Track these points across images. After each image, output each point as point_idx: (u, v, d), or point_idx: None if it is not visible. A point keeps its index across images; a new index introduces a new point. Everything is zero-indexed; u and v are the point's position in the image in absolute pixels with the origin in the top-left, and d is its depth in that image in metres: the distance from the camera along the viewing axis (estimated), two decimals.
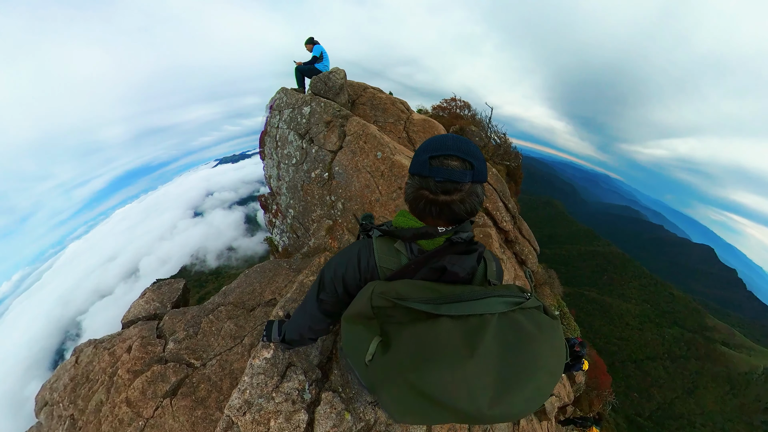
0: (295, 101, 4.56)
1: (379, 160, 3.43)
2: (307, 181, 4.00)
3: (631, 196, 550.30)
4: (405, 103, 5.42)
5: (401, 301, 0.59)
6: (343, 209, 3.57)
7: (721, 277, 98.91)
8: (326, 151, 3.86)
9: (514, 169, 7.47)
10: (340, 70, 4.81)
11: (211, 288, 43.09)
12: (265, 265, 2.82)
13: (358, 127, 3.77)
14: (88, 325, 51.92)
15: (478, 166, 0.66)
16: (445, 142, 0.67)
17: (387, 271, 0.73)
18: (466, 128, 7.46)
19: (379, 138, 3.57)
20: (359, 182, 3.46)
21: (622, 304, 50.18)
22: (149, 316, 2.44)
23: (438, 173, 0.65)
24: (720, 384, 39.18)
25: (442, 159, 0.66)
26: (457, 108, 9.26)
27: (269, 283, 2.49)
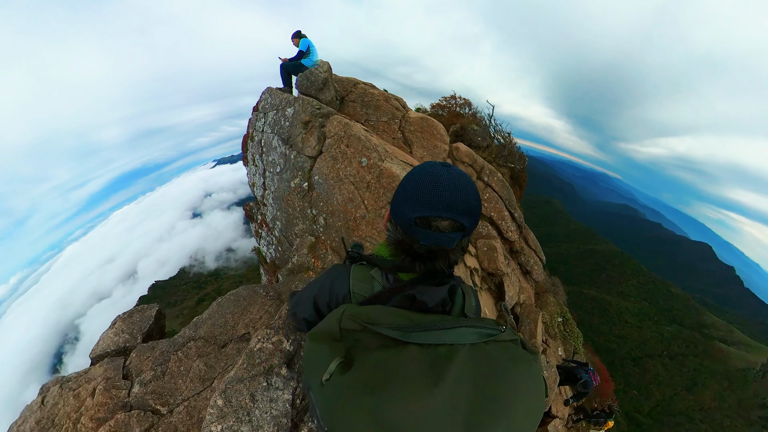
0: (279, 102, 4.06)
1: (364, 168, 2.87)
2: (287, 191, 3.55)
3: (629, 194, 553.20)
4: (401, 99, 4.88)
5: (371, 326, 0.56)
6: (326, 225, 3.10)
7: (719, 275, 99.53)
8: (305, 157, 3.33)
9: (518, 171, 6.86)
10: (323, 63, 4.29)
11: (210, 289, 43.03)
12: (239, 293, 2.62)
13: (340, 127, 3.17)
14: (87, 328, 51.75)
15: (470, 226, 0.62)
16: (437, 196, 0.60)
17: (360, 297, 0.72)
18: (468, 127, 6.86)
19: (364, 140, 3.01)
20: (341, 195, 2.93)
21: (621, 302, 50.41)
22: (118, 350, 2.30)
23: (424, 238, 0.61)
24: (718, 380, 39.49)
25: (431, 221, 0.60)
26: (457, 106, 8.70)
27: (243, 314, 2.33)
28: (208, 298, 40.05)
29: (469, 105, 8.66)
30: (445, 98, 8.97)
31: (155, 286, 48.07)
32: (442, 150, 4.54)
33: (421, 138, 4.45)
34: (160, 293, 45.67)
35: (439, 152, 4.51)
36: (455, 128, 6.69)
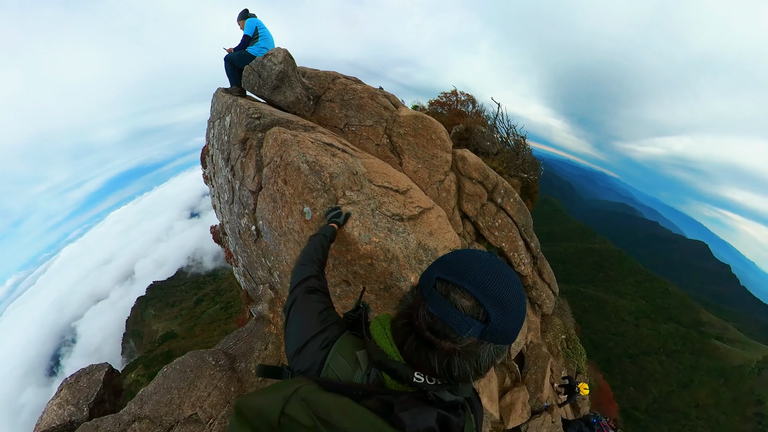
0: (221, 108, 3.10)
1: (308, 224, 1.89)
2: (241, 229, 2.80)
3: (627, 193, 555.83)
4: (392, 97, 3.70)
5: (326, 427, 0.41)
6: (281, 283, 2.47)
7: (715, 273, 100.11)
8: (247, 191, 2.46)
9: (531, 182, 5.56)
10: (278, 51, 3.12)
11: (209, 290, 42.70)
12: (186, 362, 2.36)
13: (275, 148, 2.11)
14: (83, 330, 51.39)
15: (496, 323, 0.46)
16: (470, 267, 0.48)
17: (331, 374, 0.57)
18: (474, 128, 5.49)
19: (306, 173, 1.89)
20: (289, 255, 2.13)
21: (618, 300, 50.73)
22: (63, 424, 2.12)
23: (434, 303, 0.47)
24: (714, 377, 39.86)
25: (452, 288, 0.47)
26: (459, 103, 7.30)
27: (189, 389, 2.13)
28: (206, 298, 39.81)
29: (473, 102, 7.33)
30: (445, 94, 7.48)
31: (153, 286, 47.78)
32: (442, 161, 3.40)
33: (414, 145, 3.31)
34: (159, 294, 45.40)
35: (438, 164, 3.36)
36: (458, 130, 5.47)
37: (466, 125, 5.69)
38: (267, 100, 3.21)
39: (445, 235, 2.21)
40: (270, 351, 2.70)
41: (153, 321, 39.42)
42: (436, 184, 3.36)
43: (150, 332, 37.56)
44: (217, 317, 33.60)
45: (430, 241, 2.04)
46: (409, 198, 2.28)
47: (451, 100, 7.50)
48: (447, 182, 3.48)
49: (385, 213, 1.97)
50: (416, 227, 2.09)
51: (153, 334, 36.65)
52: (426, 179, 3.30)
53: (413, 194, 2.35)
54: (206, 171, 4.23)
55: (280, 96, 3.11)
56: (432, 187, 3.32)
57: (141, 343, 37.26)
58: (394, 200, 2.15)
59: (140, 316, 41.63)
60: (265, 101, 3.24)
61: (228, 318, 31.48)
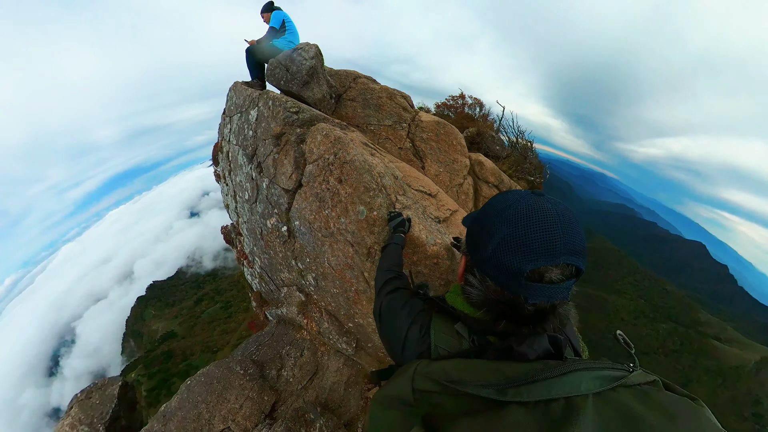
0: (243, 102, 2.96)
1: (363, 223, 1.80)
2: (264, 229, 2.64)
3: (625, 194, 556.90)
4: (408, 97, 3.73)
5: (454, 384, 0.43)
6: (317, 286, 2.34)
7: (713, 273, 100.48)
8: (279, 189, 2.30)
9: (536, 185, 5.72)
10: (309, 46, 3.04)
11: (208, 289, 42.64)
12: (211, 373, 2.17)
13: (326, 144, 1.99)
14: (82, 330, 51.22)
15: (584, 267, 0.49)
16: (554, 240, 0.46)
17: (442, 352, 0.57)
18: (485, 133, 5.59)
19: (368, 171, 1.83)
20: (335, 257, 2.00)
21: (617, 299, 50.92)
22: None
23: (535, 295, 0.47)
24: (712, 377, 40.05)
25: (545, 270, 0.46)
26: (466, 106, 7.41)
27: (218, 402, 1.97)
28: (206, 297, 39.75)
29: (480, 105, 7.45)
30: (452, 97, 7.60)
31: (153, 286, 47.67)
32: (462, 165, 3.54)
33: (437, 149, 3.41)
34: (158, 293, 45.31)
35: (458, 168, 3.51)
36: (470, 133, 5.54)
37: (477, 129, 5.81)
38: (294, 96, 3.08)
39: None
40: (306, 357, 2.56)
41: (153, 321, 39.35)
42: (456, 188, 3.49)
43: (150, 332, 37.49)
44: (217, 317, 33.57)
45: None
46: (440, 201, 2.36)
47: (458, 103, 7.64)
48: (465, 186, 3.60)
49: (429, 216, 2.02)
50: (449, 229, 2.17)
51: (153, 333, 36.60)
52: (447, 182, 3.42)
53: (441, 197, 2.43)
54: (218, 168, 3.91)
55: (309, 92, 3.02)
56: (452, 190, 3.44)
57: (141, 343, 37.21)
58: (430, 204, 2.25)
59: (140, 316, 41.54)
60: (293, 96, 3.11)
61: (228, 317, 31.46)
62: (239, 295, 30.00)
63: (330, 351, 2.62)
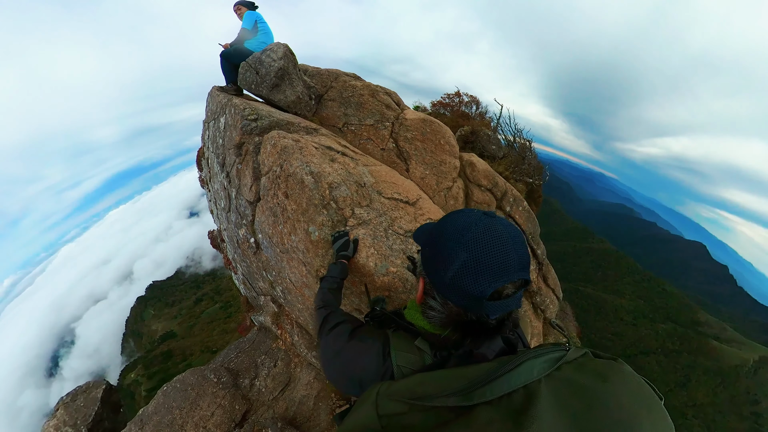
0: (216, 108, 2.90)
1: (314, 244, 1.67)
2: (239, 239, 2.59)
3: (625, 194, 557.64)
4: (393, 94, 3.52)
5: (420, 401, 0.43)
6: (285, 299, 2.31)
7: (712, 274, 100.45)
8: (245, 201, 2.23)
9: (535, 187, 5.54)
10: (278, 46, 2.88)
11: (208, 289, 42.59)
12: (186, 380, 2.23)
13: (274, 155, 1.89)
14: (82, 331, 51.14)
15: (529, 277, 0.54)
16: (509, 259, 0.49)
17: (406, 372, 0.57)
18: (479, 131, 5.35)
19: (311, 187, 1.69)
20: (293, 273, 1.93)
21: (617, 299, 50.98)
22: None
23: (496, 310, 0.51)
24: (711, 377, 40.11)
25: (503, 289, 0.51)
26: (462, 105, 7.13)
27: (191, 409, 2.02)
28: (205, 297, 39.74)
29: (476, 103, 7.13)
30: (448, 95, 7.28)
31: (153, 286, 47.64)
32: (451, 167, 3.26)
33: (423, 150, 3.13)
34: (158, 293, 45.27)
35: (447, 170, 3.23)
36: (464, 132, 5.32)
37: (471, 128, 5.53)
38: (265, 100, 2.96)
39: None
40: (280, 368, 2.55)
41: (152, 321, 39.32)
42: (444, 192, 3.20)
43: (149, 332, 37.46)
44: (217, 317, 33.55)
45: None
46: (419, 209, 2.10)
47: (454, 102, 7.22)
48: (455, 189, 3.29)
49: (397, 231, 1.77)
50: None
51: (152, 333, 36.57)
52: (434, 186, 3.14)
53: (423, 204, 2.17)
54: (202, 174, 3.93)
55: (280, 95, 2.87)
56: (440, 194, 3.17)
57: (141, 343, 37.17)
58: (405, 213, 1.96)
59: (140, 316, 41.50)
60: (264, 101, 3.00)
61: (227, 317, 31.44)
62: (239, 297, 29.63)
63: (303, 363, 2.58)
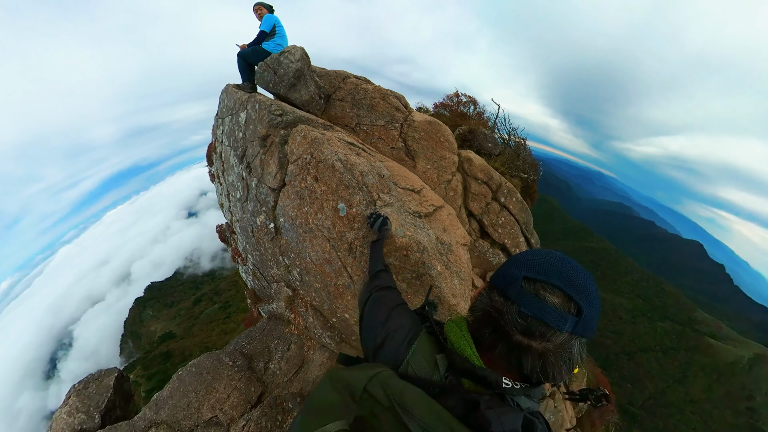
0: (234, 104, 3.11)
1: (342, 220, 1.91)
2: (254, 227, 2.75)
3: (623, 193, 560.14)
4: (401, 97, 3.76)
5: (401, 410, 0.42)
6: (302, 281, 2.41)
7: (709, 273, 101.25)
8: (266, 188, 2.44)
9: (530, 182, 5.72)
10: (296, 49, 3.12)
11: (207, 290, 42.49)
12: (201, 364, 2.27)
13: (305, 145, 2.13)
14: (80, 333, 50.89)
15: (587, 313, 0.47)
16: (552, 263, 0.49)
17: (410, 371, 0.56)
18: (476, 130, 5.56)
19: (341, 170, 1.93)
20: (315, 252, 2.10)
21: (615, 298, 51.33)
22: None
23: (527, 304, 0.47)
24: (708, 374, 40.51)
25: (540, 287, 0.47)
26: (461, 105, 7.39)
27: (207, 392, 2.07)
28: (204, 298, 39.63)
29: (474, 103, 7.42)
30: (447, 96, 7.64)
31: (151, 287, 47.45)
32: (450, 162, 3.54)
33: (426, 147, 3.42)
34: (157, 294, 45.10)
35: (446, 165, 3.51)
36: (462, 131, 5.56)
37: (469, 127, 5.79)
38: (282, 98, 3.17)
39: (456, 231, 2.30)
40: (293, 351, 2.63)
41: (151, 322, 39.18)
42: (444, 184, 3.50)
43: (148, 333, 37.34)
44: (216, 317, 33.49)
45: (445, 237, 2.15)
46: (423, 197, 2.39)
47: (452, 102, 7.54)
48: (454, 182, 3.61)
49: (408, 210, 2.10)
50: (432, 223, 2.21)
51: (151, 334, 36.45)
52: (435, 179, 3.43)
53: (426, 193, 2.46)
54: (213, 169, 4.07)
55: (296, 94, 3.11)
56: (440, 186, 3.46)
57: (140, 344, 37.06)
58: (413, 199, 2.27)
59: (138, 317, 41.34)
60: (280, 99, 3.19)
61: (226, 318, 31.38)
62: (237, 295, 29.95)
63: (316, 345, 2.67)
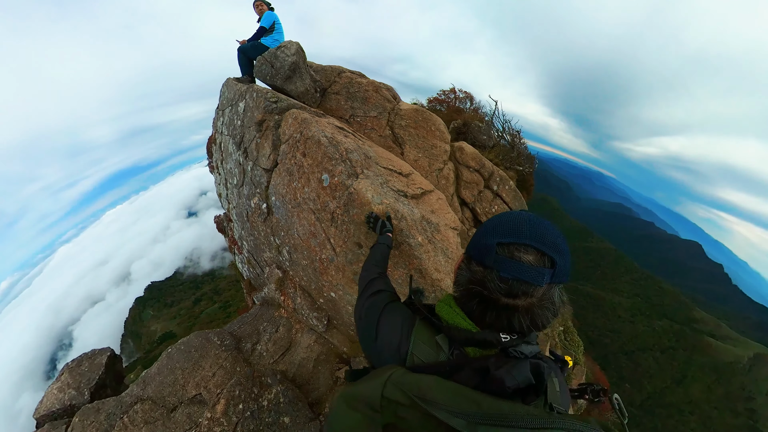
0: (233, 95, 3.31)
1: (326, 190, 2.05)
2: (249, 210, 2.93)
3: (623, 193, 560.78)
4: (392, 89, 3.92)
5: (424, 403, 0.43)
6: (291, 260, 2.52)
7: (708, 272, 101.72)
8: (261, 170, 2.63)
9: (526, 175, 5.80)
10: (291, 43, 3.33)
11: (207, 289, 42.53)
12: (190, 342, 2.33)
13: (295, 126, 2.31)
14: (79, 334, 50.86)
15: (560, 264, 0.50)
16: (520, 225, 0.52)
17: (418, 362, 0.56)
18: (471, 124, 5.67)
19: (326, 145, 2.09)
20: (302, 226, 2.23)
21: (615, 297, 51.48)
22: (64, 408, 2.10)
23: (505, 268, 0.49)
24: (707, 374, 40.60)
25: (514, 249, 0.50)
26: (457, 100, 7.41)
27: (194, 369, 2.10)
28: (204, 297, 39.65)
29: (470, 99, 7.44)
30: (443, 92, 7.62)
31: (151, 286, 47.45)
32: (441, 151, 3.64)
33: (415, 135, 3.55)
34: (157, 294, 45.11)
35: (437, 153, 3.60)
36: (456, 124, 5.66)
37: (463, 120, 5.86)
38: (279, 90, 3.36)
39: (446, 215, 2.34)
40: (281, 333, 2.66)
41: (151, 321, 39.20)
42: (436, 172, 3.56)
43: (148, 333, 37.36)
44: (216, 317, 33.52)
45: (432, 217, 2.18)
46: (412, 180, 2.45)
47: (449, 98, 7.51)
48: (446, 170, 3.66)
49: (391, 188, 2.21)
50: (419, 204, 2.26)
51: (152, 334, 36.48)
52: (426, 167, 3.49)
53: (415, 178, 2.52)
54: (212, 160, 4.27)
55: (291, 86, 3.32)
56: (432, 174, 3.51)
57: (140, 344, 37.07)
58: (399, 180, 2.33)
59: (138, 317, 41.35)
60: (276, 90, 3.33)
61: (227, 318, 31.40)
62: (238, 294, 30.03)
63: (304, 328, 2.70)
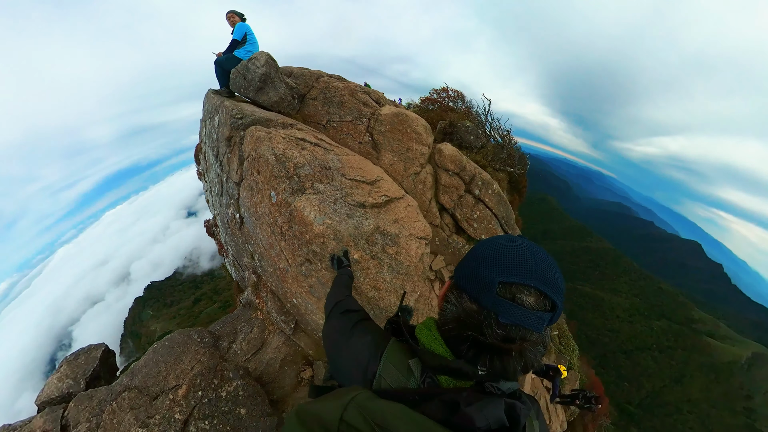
0: (211, 108, 3.38)
1: (275, 206, 2.18)
2: (228, 219, 3.08)
3: (623, 192, 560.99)
4: (373, 92, 3.84)
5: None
6: (261, 267, 2.69)
7: (707, 272, 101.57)
8: (233, 183, 2.79)
9: (518, 176, 5.55)
10: (261, 55, 3.30)
11: (206, 289, 42.53)
12: (174, 339, 2.56)
13: (251, 144, 2.49)
14: (79, 334, 50.91)
15: (560, 307, 0.47)
16: (524, 259, 0.48)
17: (384, 385, 0.54)
18: (458, 123, 5.41)
19: (273, 164, 2.21)
20: (264, 237, 2.40)
21: (614, 297, 51.53)
22: (62, 396, 2.36)
23: (505, 312, 0.45)
24: (705, 373, 40.68)
25: (516, 290, 0.46)
26: (449, 99, 7.34)
27: (175, 363, 2.31)
28: (204, 297, 39.70)
29: (462, 98, 7.31)
30: (435, 91, 7.50)
31: (151, 286, 47.50)
32: (418, 154, 3.47)
33: (391, 139, 3.43)
34: (156, 294, 45.16)
35: (413, 156, 3.44)
36: (443, 125, 5.42)
37: (449, 120, 5.60)
38: (252, 101, 3.44)
39: (413, 223, 2.36)
40: (255, 334, 2.84)
41: (151, 321, 39.25)
42: (412, 177, 3.48)
43: (148, 333, 37.41)
44: (216, 316, 33.52)
45: (392, 227, 2.23)
46: (377, 188, 2.48)
47: (441, 97, 7.43)
48: (423, 174, 3.55)
49: (349, 202, 2.23)
50: (379, 214, 2.26)
51: (151, 334, 36.52)
52: (402, 171, 3.43)
53: (382, 185, 2.54)
54: (200, 167, 4.48)
55: (264, 96, 3.37)
56: (408, 179, 3.44)
57: (139, 344, 37.11)
58: (361, 191, 2.37)
59: (138, 317, 41.41)
60: (251, 101, 3.46)
61: None
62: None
63: (275, 330, 2.87)
